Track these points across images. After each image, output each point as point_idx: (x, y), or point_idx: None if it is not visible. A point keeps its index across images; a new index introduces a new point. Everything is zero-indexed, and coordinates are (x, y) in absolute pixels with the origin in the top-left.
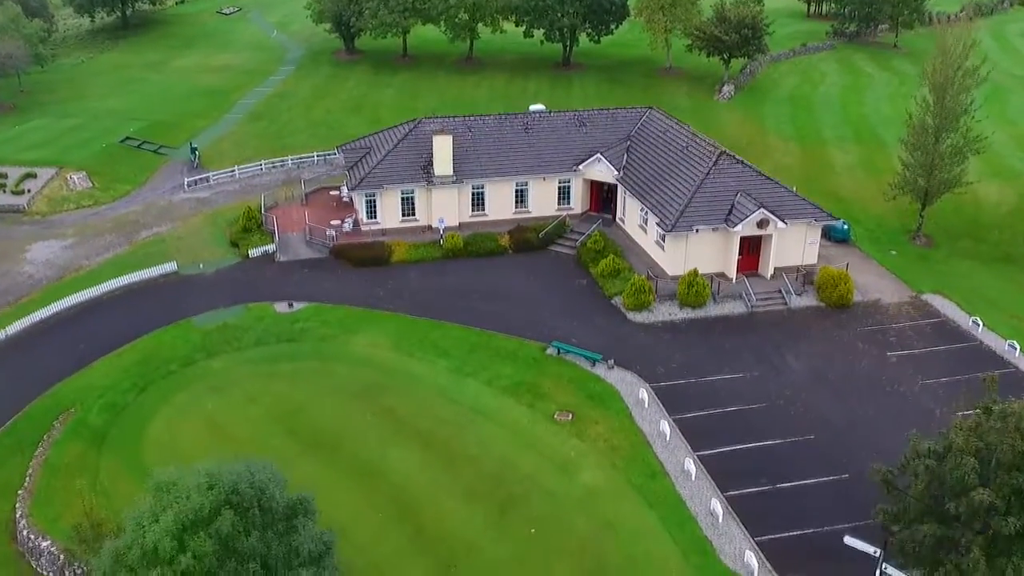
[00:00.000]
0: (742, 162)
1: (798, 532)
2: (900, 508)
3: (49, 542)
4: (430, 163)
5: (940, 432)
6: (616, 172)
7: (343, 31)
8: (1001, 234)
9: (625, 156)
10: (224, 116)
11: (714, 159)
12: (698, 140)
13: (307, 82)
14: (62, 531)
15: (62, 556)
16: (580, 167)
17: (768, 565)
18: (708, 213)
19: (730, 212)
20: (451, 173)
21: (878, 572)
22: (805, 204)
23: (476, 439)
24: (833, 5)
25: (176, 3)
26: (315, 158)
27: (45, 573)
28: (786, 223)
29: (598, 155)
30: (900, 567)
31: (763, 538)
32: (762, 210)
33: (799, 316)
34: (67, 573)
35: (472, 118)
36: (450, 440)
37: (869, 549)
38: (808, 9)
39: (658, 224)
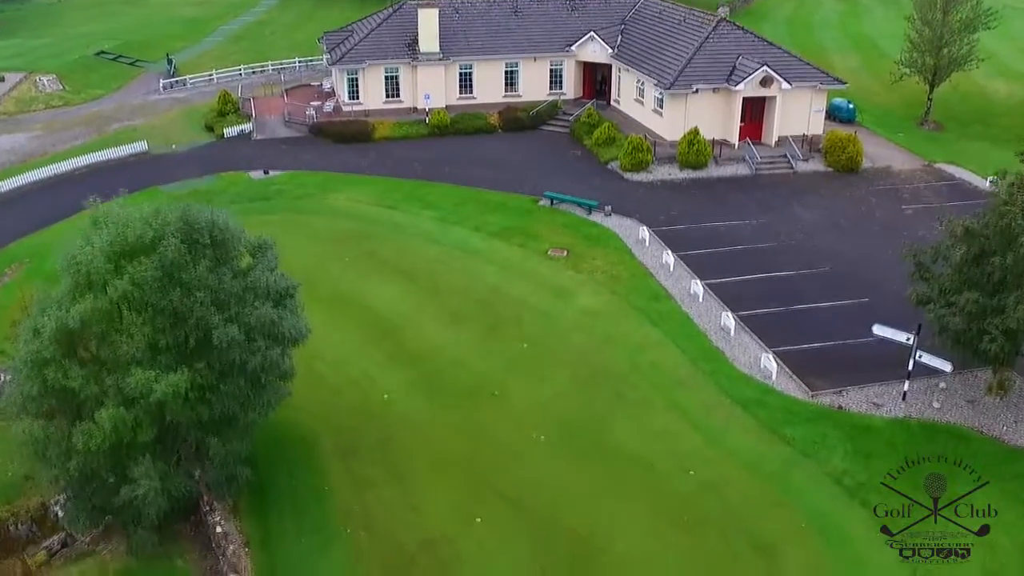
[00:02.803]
0: (743, 28)
1: (818, 344)
2: (935, 288)
3: None
4: (415, 41)
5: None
6: (610, 50)
7: None
8: (1012, 119)
9: (620, 37)
10: (204, 39)
11: (713, 25)
12: (696, 13)
13: (291, 11)
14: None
15: None
16: (573, 47)
17: (787, 370)
18: (708, 73)
19: (731, 73)
20: (437, 50)
21: (911, 362)
22: (810, 68)
23: (463, 272)
24: None
25: None
26: (296, 64)
27: None
28: (791, 84)
29: (592, 33)
30: (935, 354)
31: (780, 349)
32: (765, 68)
33: (807, 178)
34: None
35: (460, 0)
36: (435, 274)
37: (901, 337)
38: None
39: (656, 84)
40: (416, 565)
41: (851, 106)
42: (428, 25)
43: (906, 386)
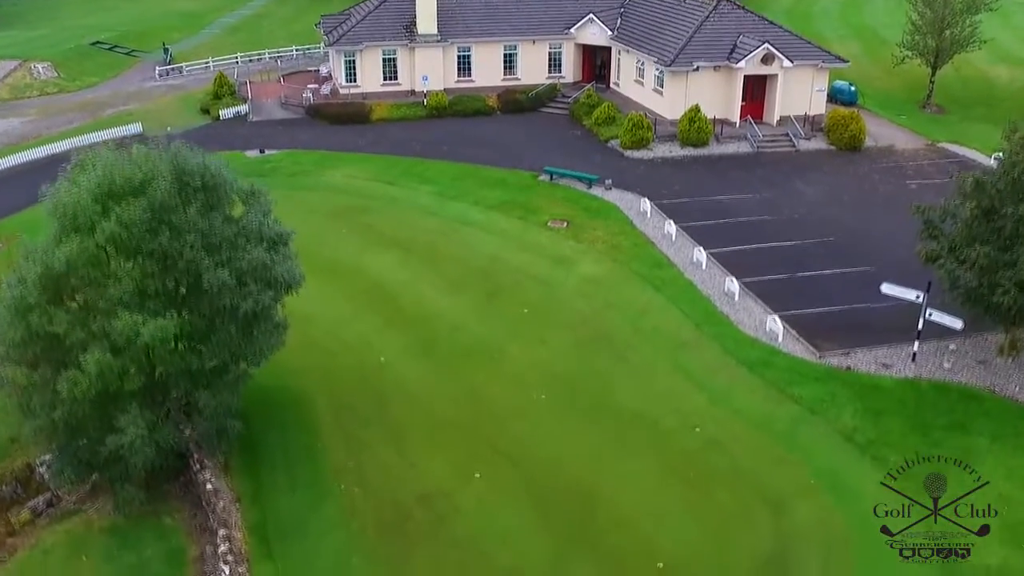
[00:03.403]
0: (744, 8)
1: (824, 308)
2: (945, 246)
3: None
4: (413, 23)
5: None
6: (610, 32)
7: None
8: (1015, 103)
9: (619, 20)
10: (201, 31)
11: (714, 4)
12: None
13: (290, 6)
14: None
15: None
16: (572, 30)
17: (793, 333)
18: (709, 51)
19: (732, 51)
20: (435, 32)
21: (921, 321)
22: (812, 47)
23: (461, 243)
24: None
25: None
26: (294, 52)
27: None
28: (792, 62)
29: (591, 15)
30: (946, 312)
31: (785, 313)
32: (766, 45)
33: (809, 156)
34: None
35: None
36: (433, 245)
37: (910, 295)
38: None
39: (656, 63)
40: (412, 519)
41: (853, 88)
42: (426, 6)
43: (916, 347)
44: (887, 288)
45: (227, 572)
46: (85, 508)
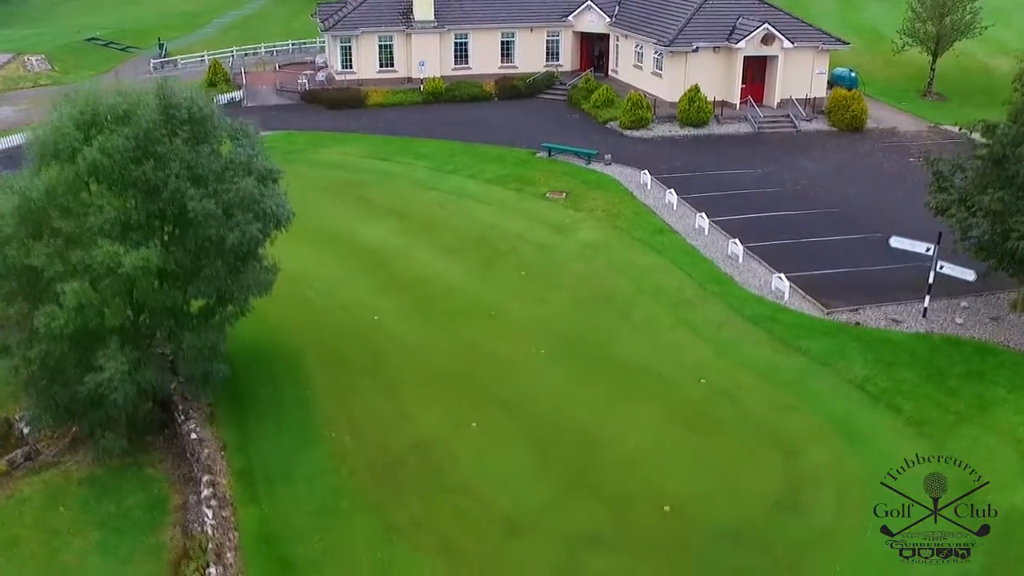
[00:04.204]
0: None
1: (831, 270)
2: (955, 197)
3: None
4: (410, 10)
5: None
6: (608, 19)
7: None
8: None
9: (617, 7)
10: (197, 30)
11: None
12: None
13: (286, 7)
14: None
15: None
16: (570, 17)
17: (800, 291)
18: (708, 32)
19: (732, 32)
20: (432, 18)
21: (932, 275)
22: (812, 29)
23: (458, 213)
24: None
25: None
26: (290, 46)
27: None
28: (792, 43)
29: (588, 3)
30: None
31: (791, 274)
32: (766, 25)
33: (810, 136)
34: None
35: None
36: (429, 214)
37: (920, 247)
38: None
39: (655, 44)
40: (406, 466)
41: (853, 74)
42: None
43: (927, 302)
44: (896, 242)
45: (210, 515)
46: (64, 461)
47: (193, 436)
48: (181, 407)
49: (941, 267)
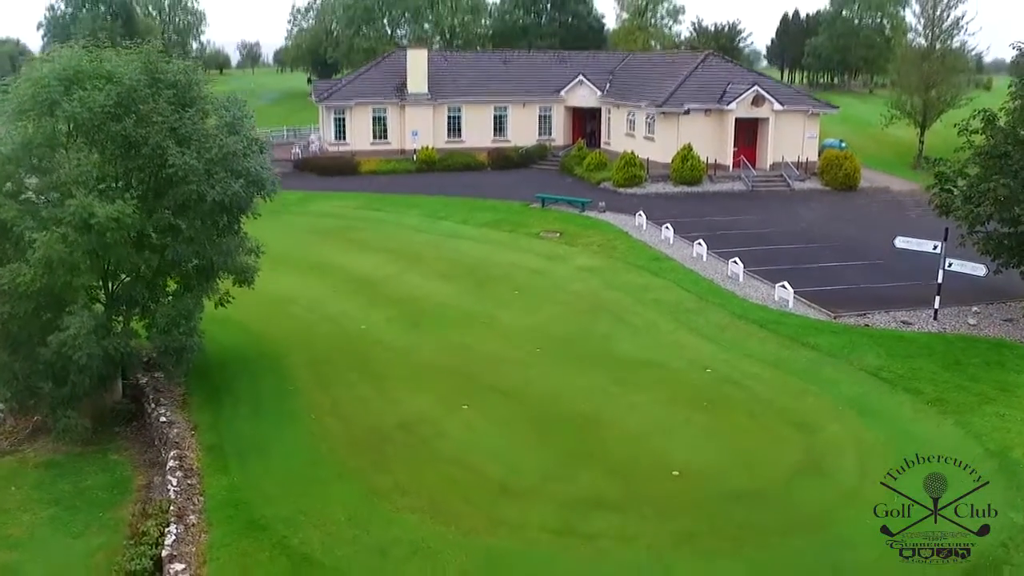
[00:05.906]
0: (731, 60)
1: (831, 287)
2: (958, 196)
3: None
4: (404, 84)
5: None
6: (599, 93)
7: (319, 68)
8: None
9: (609, 84)
10: None
11: (702, 57)
12: (683, 51)
13: (284, 106)
14: None
15: None
16: (562, 92)
17: (805, 300)
18: (699, 95)
19: (722, 95)
20: (426, 91)
21: (940, 273)
22: (800, 94)
23: (451, 248)
24: (808, 59)
25: None
26: (285, 132)
27: None
28: (782, 104)
29: (581, 76)
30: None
31: (795, 289)
32: (756, 88)
33: (805, 193)
34: None
35: (449, 51)
36: (422, 251)
37: (927, 246)
38: (781, 75)
39: (647, 106)
40: (392, 442)
41: (843, 145)
42: (417, 65)
43: (937, 303)
44: (901, 242)
45: (174, 483)
46: (22, 449)
47: (163, 420)
48: (152, 396)
49: (950, 264)
